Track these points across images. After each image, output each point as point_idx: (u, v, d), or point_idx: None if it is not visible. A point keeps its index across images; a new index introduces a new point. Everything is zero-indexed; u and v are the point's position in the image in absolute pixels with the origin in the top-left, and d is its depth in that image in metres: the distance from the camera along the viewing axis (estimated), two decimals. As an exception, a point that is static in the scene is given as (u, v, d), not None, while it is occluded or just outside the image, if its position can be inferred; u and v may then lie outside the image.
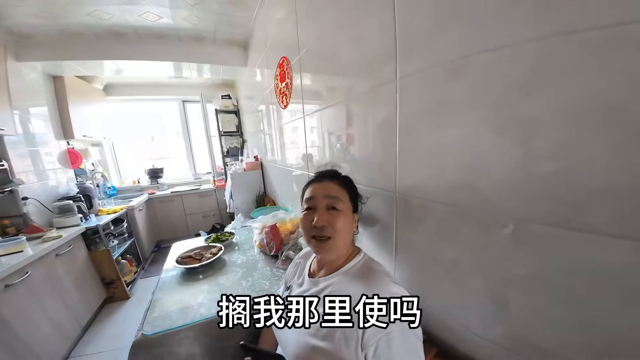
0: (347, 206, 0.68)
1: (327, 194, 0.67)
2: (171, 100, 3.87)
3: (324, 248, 0.65)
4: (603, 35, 0.35)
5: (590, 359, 0.43)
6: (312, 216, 0.65)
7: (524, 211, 0.48)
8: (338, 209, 0.65)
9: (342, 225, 0.64)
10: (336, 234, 0.63)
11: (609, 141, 0.36)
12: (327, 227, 0.63)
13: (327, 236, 0.64)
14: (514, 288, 0.52)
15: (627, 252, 0.37)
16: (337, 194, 0.67)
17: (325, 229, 0.64)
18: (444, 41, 0.56)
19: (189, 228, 3.64)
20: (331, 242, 0.64)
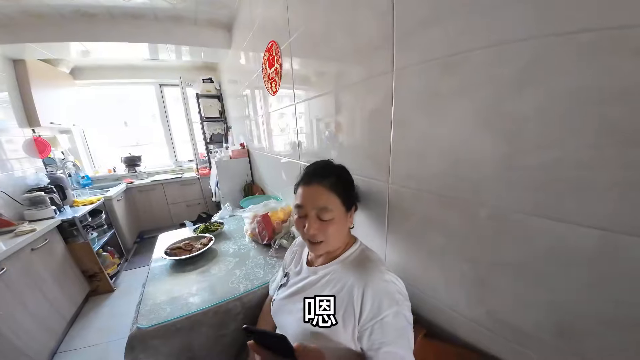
0: (338, 211, 0.65)
1: (315, 205, 0.64)
2: (147, 84, 3.64)
3: (318, 249, 0.67)
4: (594, 38, 0.38)
5: (558, 336, 0.49)
6: (304, 222, 0.65)
7: (508, 201, 0.52)
8: (326, 219, 0.64)
9: (333, 231, 0.64)
10: (328, 238, 0.65)
11: (588, 139, 0.40)
12: (318, 235, 0.64)
13: (319, 241, 0.65)
14: (496, 273, 0.57)
15: (596, 239, 0.42)
16: (325, 203, 0.63)
17: (316, 235, 0.64)
18: (442, 35, 0.58)
19: (172, 218, 3.56)
20: (324, 245, 0.66)
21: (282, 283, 0.82)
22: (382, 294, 0.56)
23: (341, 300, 0.60)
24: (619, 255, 0.40)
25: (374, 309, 0.56)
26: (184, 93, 3.31)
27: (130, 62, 3.22)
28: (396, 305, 0.56)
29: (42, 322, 1.60)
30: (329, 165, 0.72)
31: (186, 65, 3.45)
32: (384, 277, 0.59)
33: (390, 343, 0.54)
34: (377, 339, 0.54)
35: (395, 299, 0.56)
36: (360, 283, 0.59)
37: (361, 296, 0.58)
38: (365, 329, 0.56)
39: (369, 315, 0.56)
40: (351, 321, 0.58)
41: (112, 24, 1.99)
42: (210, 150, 3.56)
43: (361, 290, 0.58)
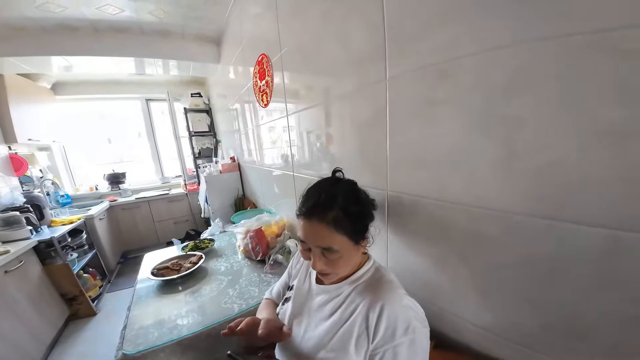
0: (346, 248, 0.57)
1: (318, 244, 0.57)
2: (133, 99, 3.58)
3: (327, 279, 0.63)
4: (581, 41, 0.39)
5: (568, 338, 0.48)
6: (309, 255, 0.60)
7: (508, 204, 0.52)
8: (333, 258, 0.57)
9: (342, 265, 0.59)
10: (337, 271, 0.61)
11: (582, 140, 0.41)
12: (326, 268, 0.59)
13: (327, 274, 0.61)
14: (501, 276, 0.56)
15: (602, 239, 0.41)
16: (329, 244, 0.56)
17: (324, 269, 0.59)
18: (433, 43, 0.59)
19: (159, 236, 3.42)
20: (332, 276, 0.62)
21: (287, 297, 0.77)
22: (398, 319, 0.52)
23: (354, 324, 0.56)
24: (625, 252, 0.39)
25: (387, 334, 0.52)
26: (171, 108, 3.27)
27: (115, 77, 3.17)
28: (412, 333, 0.52)
29: (17, 348, 1.51)
30: (333, 191, 0.59)
31: (174, 79, 3.43)
32: (402, 301, 0.55)
33: None
34: None
35: (412, 327, 0.52)
36: (376, 306, 0.54)
37: (376, 319, 0.53)
38: (376, 354, 0.52)
39: (382, 339, 0.52)
40: (364, 345, 0.54)
41: (96, 37, 1.96)
42: (199, 165, 3.49)
43: (377, 312, 0.54)
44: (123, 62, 2.47)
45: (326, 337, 0.58)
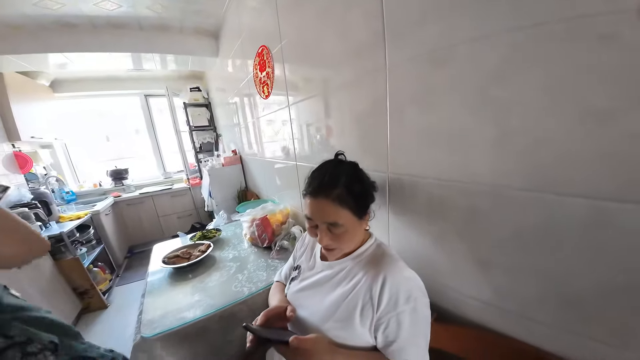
0: (350, 222, 0.62)
1: (324, 220, 0.61)
2: (131, 95, 3.58)
3: (333, 255, 0.67)
4: (566, 28, 0.42)
5: (562, 306, 0.53)
6: (316, 232, 0.64)
7: (501, 180, 0.56)
8: (338, 232, 0.61)
9: (347, 240, 0.64)
10: (342, 246, 0.65)
11: (567, 119, 0.45)
12: (332, 243, 0.63)
13: (332, 249, 0.65)
14: (497, 249, 0.60)
15: (585, 209, 0.46)
16: (334, 219, 0.60)
17: (330, 244, 0.63)
18: (430, 31, 0.62)
19: (164, 230, 3.47)
20: (337, 251, 0.66)
21: (294, 276, 0.82)
22: (400, 289, 0.57)
23: (358, 295, 0.60)
24: (608, 221, 0.44)
25: (391, 303, 0.56)
26: (170, 103, 3.27)
27: (113, 74, 3.17)
28: (414, 302, 0.56)
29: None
30: (336, 172, 0.63)
31: (172, 74, 3.43)
32: (403, 273, 0.60)
33: (404, 343, 0.55)
34: (391, 333, 0.55)
35: (414, 296, 0.56)
36: (378, 277, 0.59)
37: (379, 290, 0.58)
38: (381, 323, 0.56)
39: (385, 308, 0.56)
40: (369, 315, 0.58)
41: (95, 34, 1.96)
42: (200, 159, 3.52)
43: (379, 284, 0.58)
44: (120, 58, 2.47)
45: (332, 309, 0.63)
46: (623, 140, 0.40)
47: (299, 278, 0.78)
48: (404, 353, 0.55)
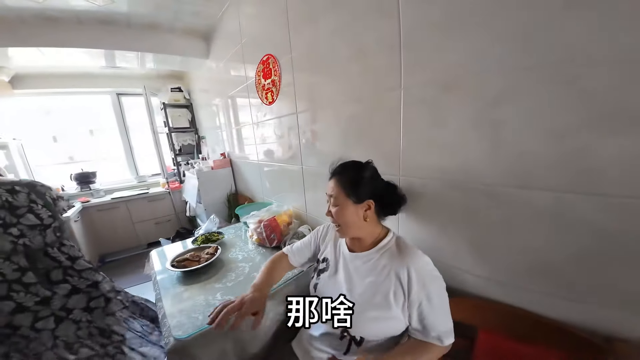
0: (344, 201, 0.79)
1: (328, 193, 0.83)
2: (102, 94, 3.36)
3: (341, 233, 0.84)
4: (544, 70, 0.61)
5: (543, 275, 0.72)
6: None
7: (493, 180, 0.75)
8: (336, 205, 0.81)
9: (340, 216, 0.80)
10: (341, 222, 0.81)
11: (540, 136, 0.64)
12: (333, 218, 0.82)
13: (337, 223, 0.82)
14: (491, 233, 0.79)
15: (548, 200, 0.66)
16: (332, 192, 0.82)
17: (332, 218, 0.83)
18: (441, 63, 0.79)
19: (140, 238, 3.30)
20: (340, 228, 0.83)
21: (322, 268, 0.92)
22: (425, 272, 0.72)
23: (390, 282, 0.74)
24: (566, 208, 0.63)
25: (419, 284, 0.71)
26: (148, 103, 3.13)
27: (83, 70, 2.96)
28: (438, 280, 0.73)
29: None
30: (345, 165, 0.86)
31: (150, 73, 3.29)
32: (423, 258, 0.75)
33: (436, 314, 0.70)
34: (425, 309, 0.70)
35: (436, 276, 0.74)
36: (404, 265, 0.73)
37: (407, 276, 0.72)
38: (413, 302, 0.71)
39: (416, 290, 0.71)
40: (401, 298, 0.72)
41: (79, 29, 1.86)
42: (180, 162, 3.40)
43: (406, 271, 0.72)
44: (93, 55, 2.33)
45: (367, 295, 0.76)
46: (573, 152, 0.61)
47: (328, 269, 0.88)
48: (437, 324, 0.70)
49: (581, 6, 0.55)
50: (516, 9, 0.63)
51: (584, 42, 0.55)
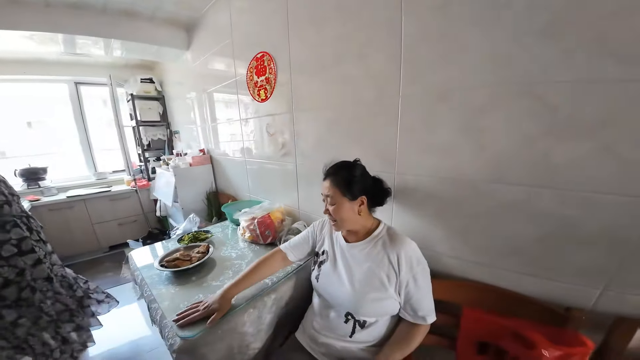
0: (340, 199, 0.89)
1: (324, 193, 0.93)
2: (57, 82, 3.03)
3: (337, 227, 0.94)
4: (518, 88, 0.77)
5: (514, 255, 0.88)
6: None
7: (478, 176, 0.90)
8: (333, 204, 0.90)
9: (337, 213, 0.90)
10: (338, 218, 0.91)
11: (515, 140, 0.80)
12: (332, 215, 0.91)
13: (334, 219, 0.92)
14: (473, 221, 0.94)
15: (518, 193, 0.82)
16: (328, 192, 0.91)
17: (330, 215, 0.92)
18: (437, 75, 0.93)
19: (100, 240, 3.05)
20: (338, 224, 0.93)
21: (322, 260, 0.99)
22: (412, 256, 0.85)
23: (384, 266, 0.86)
24: (532, 200, 0.80)
25: (407, 267, 0.84)
26: (113, 93, 2.90)
27: (35, 56, 2.64)
28: (423, 263, 0.87)
29: None
30: (337, 166, 0.95)
31: (117, 62, 3.06)
32: (411, 245, 0.88)
33: (421, 294, 0.84)
34: (411, 289, 0.84)
35: (422, 260, 0.87)
36: (395, 251, 0.86)
37: (397, 260, 0.85)
38: (402, 282, 0.84)
39: (405, 272, 0.84)
40: (394, 279, 0.85)
41: (46, 13, 1.69)
42: (148, 158, 3.20)
43: (395, 256, 0.85)
44: (49, 40, 2.10)
45: (367, 280, 0.88)
46: (539, 154, 0.77)
47: (328, 261, 0.97)
48: (422, 302, 0.84)
49: (548, 39, 0.71)
50: (500, 39, 0.78)
51: (550, 67, 0.72)
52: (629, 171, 0.65)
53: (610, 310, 0.75)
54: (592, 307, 0.77)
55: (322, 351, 0.93)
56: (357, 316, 0.89)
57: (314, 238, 1.09)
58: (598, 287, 0.76)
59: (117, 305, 1.78)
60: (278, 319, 1.10)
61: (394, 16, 0.97)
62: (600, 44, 0.64)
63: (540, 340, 0.77)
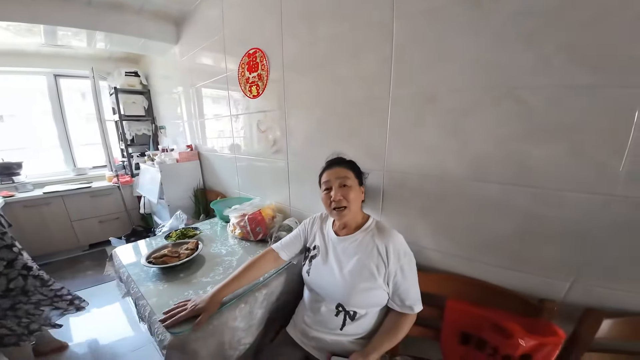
0: (354, 182, 0.95)
1: (338, 175, 0.94)
2: (35, 74, 2.91)
3: (343, 215, 0.95)
4: (497, 92, 0.84)
5: (490, 249, 0.95)
6: (330, 194, 0.94)
7: (460, 174, 0.96)
8: (348, 185, 0.93)
9: (353, 196, 0.93)
10: (349, 203, 0.94)
11: (492, 141, 0.86)
12: (343, 200, 0.93)
13: (343, 206, 0.93)
14: (455, 215, 1.00)
15: (497, 190, 0.88)
16: (345, 174, 0.94)
17: (341, 201, 0.93)
18: (426, 78, 0.98)
19: (79, 238, 2.95)
20: (347, 210, 0.94)
21: (313, 255, 1.02)
22: (399, 248, 0.91)
23: (373, 257, 0.91)
24: (509, 197, 0.86)
25: (395, 258, 0.89)
26: (95, 86, 2.80)
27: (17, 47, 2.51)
28: (409, 255, 0.92)
29: None
30: (341, 157, 1.04)
31: (100, 54, 2.96)
32: (398, 237, 0.93)
33: (408, 284, 0.89)
34: (399, 280, 0.89)
35: (408, 252, 0.92)
36: (383, 243, 0.91)
37: (385, 251, 0.90)
38: (391, 273, 0.89)
39: (393, 262, 0.89)
40: (383, 269, 0.90)
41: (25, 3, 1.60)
42: (131, 153, 3.11)
43: (384, 247, 0.90)
44: (26, 31, 2.02)
45: (356, 270, 0.91)
46: (515, 154, 0.83)
47: (319, 255, 1.00)
48: (409, 292, 0.89)
49: (528, 46, 0.77)
50: (485, 45, 0.84)
51: (528, 72, 0.78)
52: (595, 171, 0.72)
53: (579, 301, 0.82)
54: (563, 299, 0.84)
55: (313, 345, 0.96)
56: (348, 307, 0.92)
57: (305, 235, 1.12)
58: (568, 279, 0.83)
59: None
60: (269, 314, 1.12)
61: (386, 19, 1.02)
62: (572, 53, 0.71)
63: (517, 330, 0.83)
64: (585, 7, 0.67)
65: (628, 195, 0.69)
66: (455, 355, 0.99)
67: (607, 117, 0.69)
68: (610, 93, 0.67)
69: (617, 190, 0.70)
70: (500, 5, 0.79)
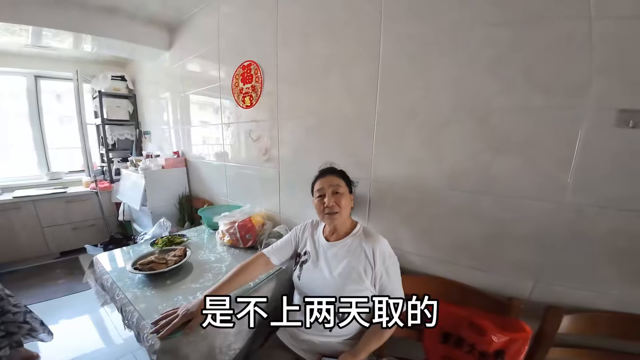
0: (345, 189, 1.03)
1: (330, 183, 1.02)
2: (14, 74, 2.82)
3: (335, 219, 1.03)
4: (469, 110, 0.97)
5: (464, 250, 1.06)
6: (323, 201, 1.02)
7: (440, 184, 1.07)
8: (340, 192, 1.01)
9: (344, 203, 1.02)
10: (341, 209, 1.03)
11: (467, 154, 0.99)
12: (335, 206, 1.02)
13: (335, 212, 1.02)
14: (435, 221, 1.11)
15: (468, 198, 1.01)
16: (337, 182, 1.03)
17: (334, 207, 1.02)
18: (408, 95, 1.11)
19: (49, 245, 2.82)
20: (338, 215, 1.03)
21: (304, 260, 1.08)
22: (385, 251, 0.99)
23: (361, 260, 0.98)
24: (478, 204, 0.99)
25: (381, 261, 0.97)
26: (78, 89, 2.75)
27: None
28: (394, 257, 1.01)
29: None
30: (333, 166, 1.11)
31: (86, 57, 2.93)
32: (383, 242, 1.02)
33: (393, 285, 0.97)
34: (385, 281, 0.97)
35: (393, 255, 1.01)
36: (370, 246, 0.99)
37: (372, 254, 0.98)
38: (377, 275, 0.97)
39: (379, 265, 0.97)
40: (370, 272, 0.97)
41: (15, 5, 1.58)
42: (112, 158, 3.04)
43: (371, 250, 0.98)
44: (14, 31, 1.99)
45: (346, 274, 0.98)
46: (482, 166, 0.96)
47: (310, 260, 1.06)
48: (394, 293, 0.96)
49: (494, 70, 0.90)
50: (459, 68, 0.97)
51: (493, 95, 0.92)
52: (547, 181, 0.85)
53: (543, 299, 0.93)
54: (529, 297, 0.95)
55: (302, 347, 1.00)
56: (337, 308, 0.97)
57: (296, 240, 1.17)
58: (532, 279, 0.94)
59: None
60: (260, 320, 1.13)
61: (374, 40, 1.14)
62: (529, 77, 0.85)
63: (489, 327, 0.92)
64: (539, 38, 0.82)
65: (574, 202, 0.82)
66: (438, 354, 1.06)
67: (557, 134, 0.83)
68: (559, 114, 0.82)
69: (566, 199, 0.83)
70: (474, 34, 0.93)
